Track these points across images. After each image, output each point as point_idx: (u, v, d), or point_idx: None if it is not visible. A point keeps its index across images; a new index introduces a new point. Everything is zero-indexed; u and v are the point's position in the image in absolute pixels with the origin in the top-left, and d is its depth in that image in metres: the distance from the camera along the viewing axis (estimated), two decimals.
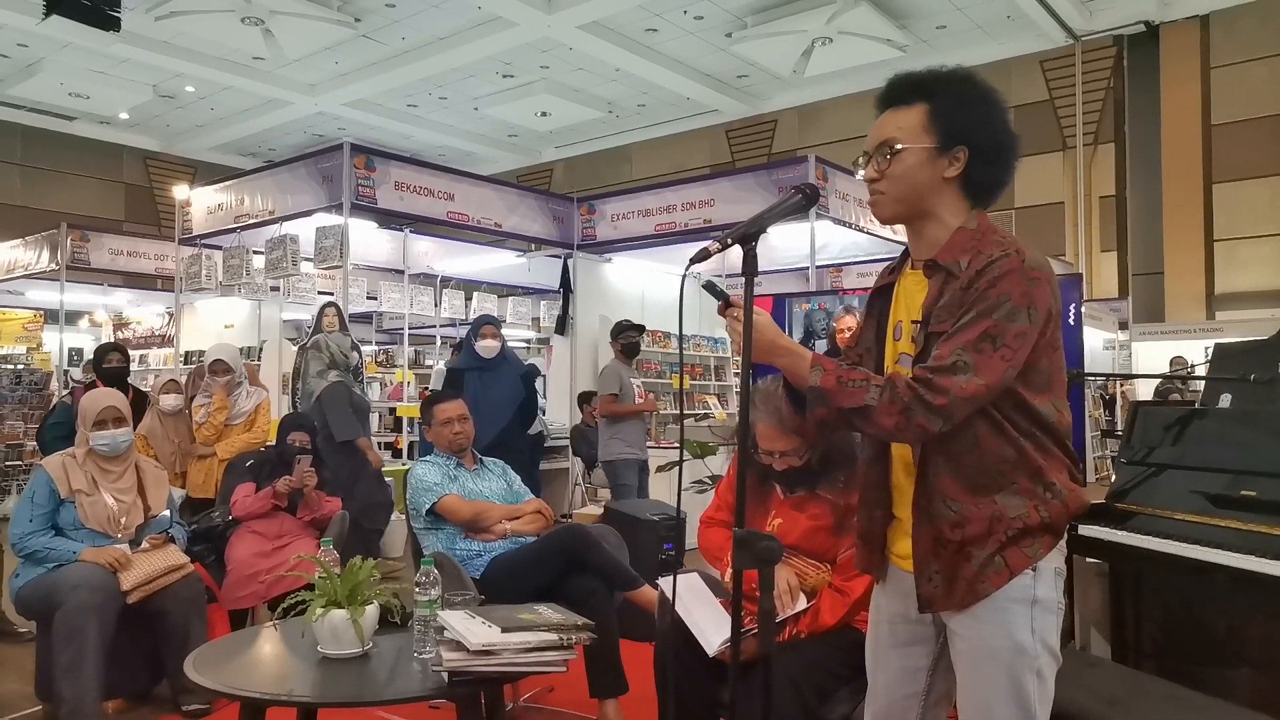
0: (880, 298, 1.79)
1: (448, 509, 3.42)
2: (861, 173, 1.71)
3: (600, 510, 5.50)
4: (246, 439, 4.94)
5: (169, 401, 4.88)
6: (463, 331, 8.71)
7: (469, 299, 10.02)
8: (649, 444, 6.83)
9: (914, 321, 1.65)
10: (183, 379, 5.36)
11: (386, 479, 7.71)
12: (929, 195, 1.65)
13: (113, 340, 10.50)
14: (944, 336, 1.56)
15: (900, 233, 1.77)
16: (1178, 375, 6.88)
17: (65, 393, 7.22)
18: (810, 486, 2.47)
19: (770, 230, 1.65)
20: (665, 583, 2.74)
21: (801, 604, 2.40)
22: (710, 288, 1.63)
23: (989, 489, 1.58)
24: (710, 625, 2.39)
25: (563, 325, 8.65)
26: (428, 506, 3.42)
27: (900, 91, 1.67)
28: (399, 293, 9.28)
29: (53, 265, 9.96)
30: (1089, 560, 2.91)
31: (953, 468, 1.60)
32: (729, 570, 2.59)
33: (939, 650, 1.71)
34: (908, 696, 1.75)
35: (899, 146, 1.63)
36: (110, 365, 5.26)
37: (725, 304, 1.63)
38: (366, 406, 5.93)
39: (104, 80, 13.22)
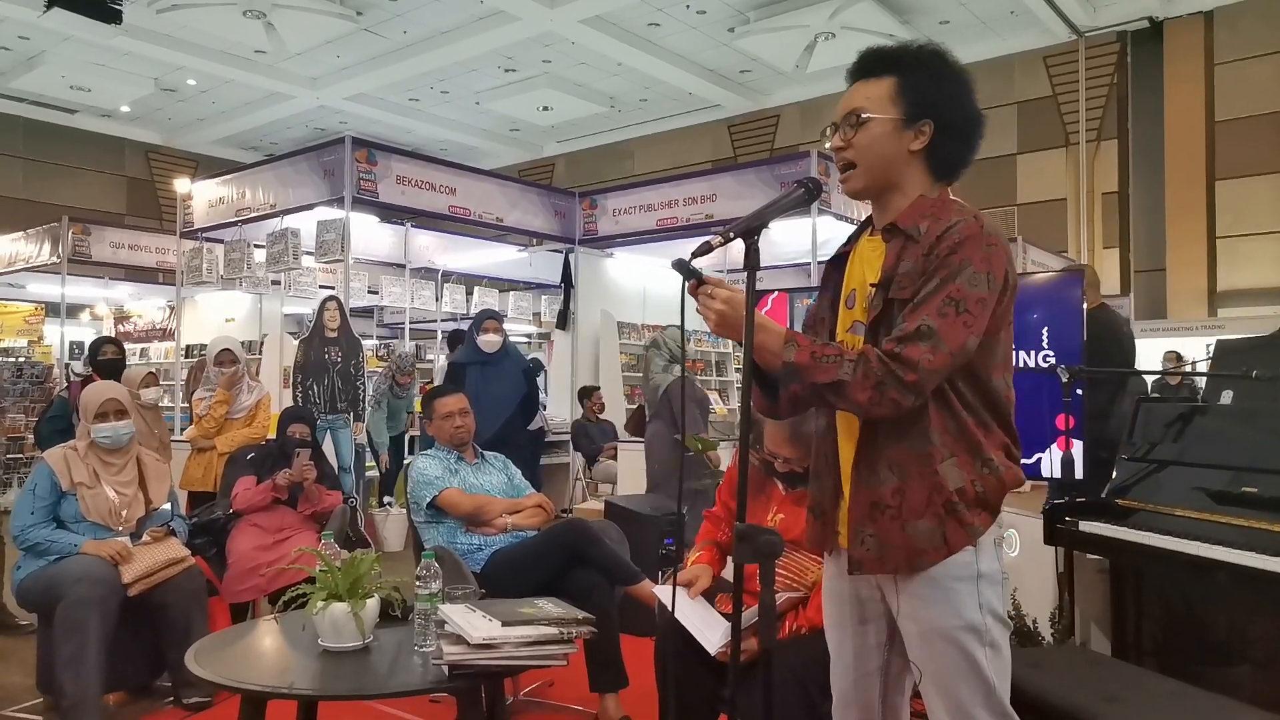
0: (835, 268, 1.80)
1: (448, 503, 3.42)
2: (829, 143, 1.71)
3: (601, 505, 5.50)
4: (246, 434, 4.93)
5: (149, 395, 4.86)
6: (463, 325, 8.71)
7: (470, 294, 10.02)
8: None
9: (871, 284, 1.65)
10: (178, 372, 5.35)
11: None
12: (895, 167, 1.66)
13: (112, 334, 10.51)
14: (909, 306, 1.57)
15: None
16: (1178, 372, 6.87)
17: (62, 387, 7.22)
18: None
19: (772, 225, 1.64)
20: (662, 590, 2.76)
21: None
22: (680, 266, 1.57)
23: (932, 459, 1.59)
24: (709, 627, 2.39)
25: (564, 320, 8.65)
26: (428, 500, 3.43)
27: (870, 64, 1.69)
28: (400, 287, 9.27)
29: (54, 258, 9.95)
30: (1090, 556, 2.91)
31: (897, 436, 1.61)
32: (688, 558, 2.59)
33: (892, 626, 1.72)
34: (868, 674, 1.76)
35: (865, 115, 1.64)
36: (105, 357, 5.26)
37: (697, 283, 1.60)
38: (707, 401, 5.95)
39: (106, 73, 13.20)
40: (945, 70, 1.66)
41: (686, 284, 1.60)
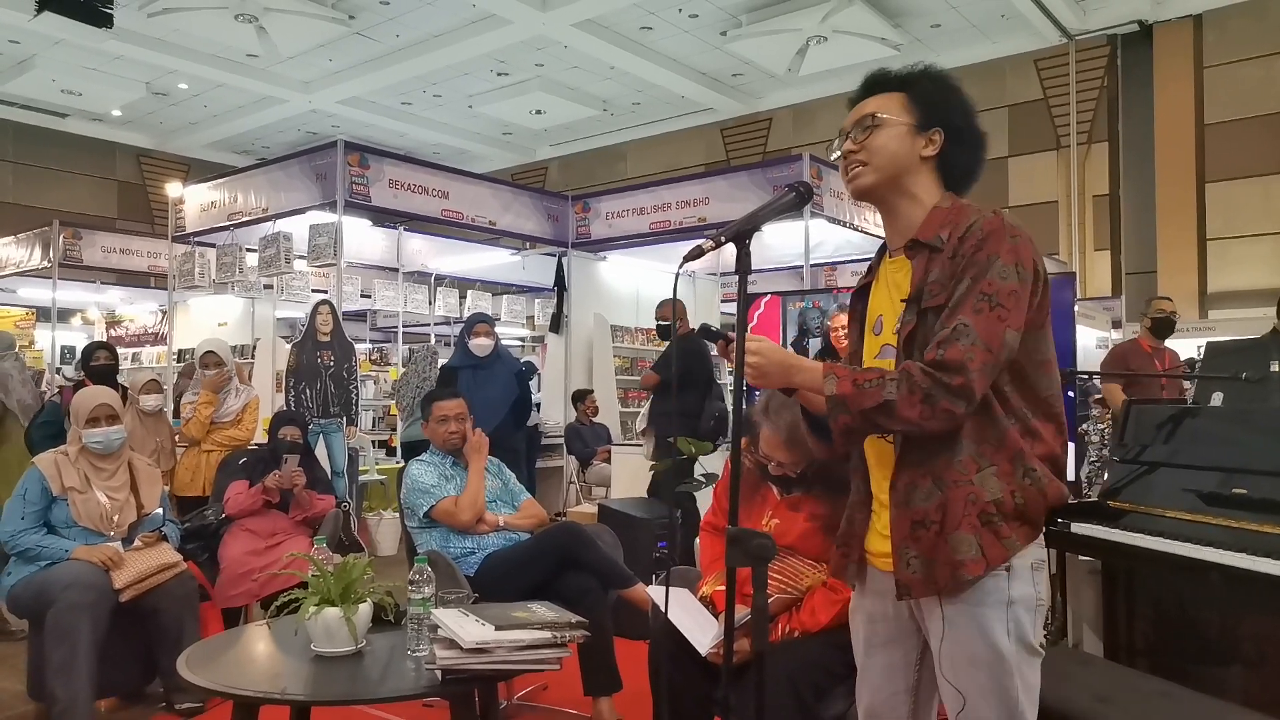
0: (859, 299, 1.81)
1: (444, 516, 3.41)
2: (836, 153, 1.72)
3: (595, 509, 5.50)
4: (232, 434, 4.93)
5: (150, 401, 4.86)
6: (456, 329, 8.70)
7: (463, 297, 10.01)
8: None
9: (903, 300, 1.65)
10: (170, 377, 5.35)
11: (380, 477, 7.72)
12: (907, 172, 1.67)
13: (104, 338, 10.48)
14: (946, 312, 1.55)
15: None
16: (1169, 375, 6.88)
17: (53, 392, 7.19)
18: (805, 489, 2.49)
19: (764, 228, 1.65)
20: (655, 590, 2.76)
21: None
22: (705, 332, 1.64)
23: (968, 468, 1.56)
24: (701, 629, 2.40)
25: (557, 323, 8.64)
26: (424, 510, 3.42)
27: (879, 82, 1.73)
28: (393, 291, 9.26)
29: (45, 263, 9.91)
30: (1082, 558, 2.92)
31: (936, 450, 1.58)
32: (704, 587, 2.60)
33: (923, 645, 1.70)
34: (896, 693, 1.75)
35: (881, 116, 1.66)
36: (98, 363, 5.25)
37: (725, 344, 1.62)
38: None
39: (97, 77, 13.15)
40: (950, 84, 1.71)
41: (717, 346, 1.63)
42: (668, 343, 5.77)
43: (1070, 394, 3.21)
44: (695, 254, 1.57)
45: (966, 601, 1.57)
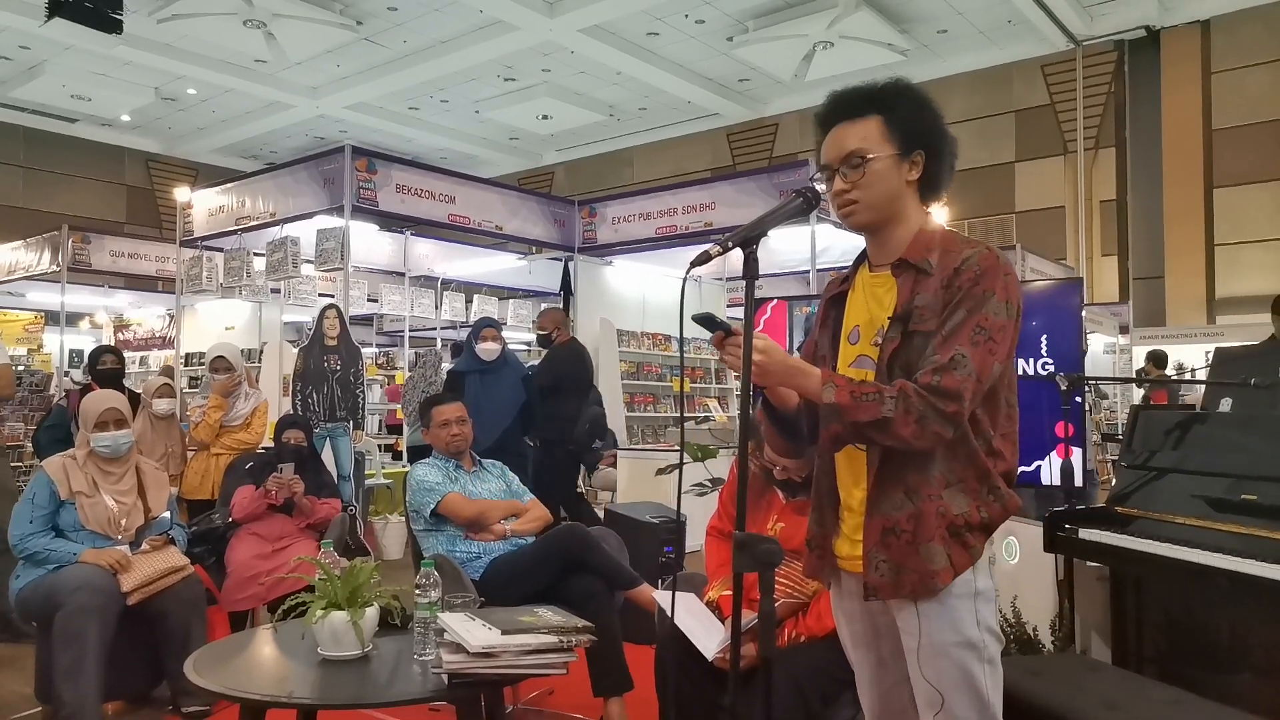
0: (834, 305, 1.83)
1: (451, 508, 3.42)
2: (822, 186, 1.73)
3: (601, 513, 5.50)
4: (241, 438, 4.95)
5: (162, 405, 4.87)
6: (463, 334, 8.72)
7: (470, 301, 10.03)
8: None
9: (889, 317, 1.68)
10: (178, 381, 5.34)
11: (387, 481, 7.73)
12: (896, 199, 1.70)
13: (111, 342, 10.52)
14: (939, 338, 1.60)
15: None
16: (1177, 381, 6.86)
17: (61, 396, 7.22)
18: (809, 493, 2.48)
19: (771, 233, 1.65)
20: (662, 595, 2.76)
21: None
22: (706, 321, 1.59)
23: (939, 483, 1.63)
24: (708, 633, 2.39)
25: None
26: (431, 508, 3.43)
27: (848, 106, 1.72)
28: (400, 295, 9.28)
29: (54, 267, 9.95)
30: (1090, 564, 2.90)
31: (911, 464, 1.64)
32: (709, 592, 2.60)
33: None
34: (896, 684, 1.77)
35: (870, 155, 1.66)
36: (105, 367, 5.26)
37: (725, 334, 1.60)
38: None
39: (106, 82, 13.24)
40: (922, 100, 1.71)
41: (712, 337, 1.61)
42: (546, 351, 6.17)
43: (1079, 399, 3.20)
44: (703, 259, 1.57)
45: (939, 600, 1.63)
